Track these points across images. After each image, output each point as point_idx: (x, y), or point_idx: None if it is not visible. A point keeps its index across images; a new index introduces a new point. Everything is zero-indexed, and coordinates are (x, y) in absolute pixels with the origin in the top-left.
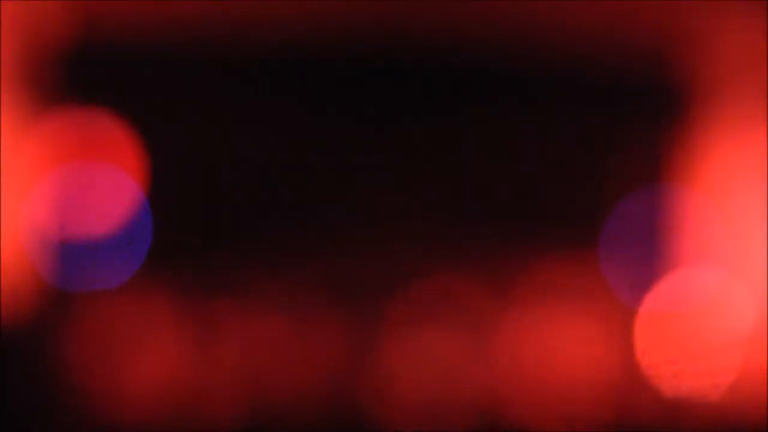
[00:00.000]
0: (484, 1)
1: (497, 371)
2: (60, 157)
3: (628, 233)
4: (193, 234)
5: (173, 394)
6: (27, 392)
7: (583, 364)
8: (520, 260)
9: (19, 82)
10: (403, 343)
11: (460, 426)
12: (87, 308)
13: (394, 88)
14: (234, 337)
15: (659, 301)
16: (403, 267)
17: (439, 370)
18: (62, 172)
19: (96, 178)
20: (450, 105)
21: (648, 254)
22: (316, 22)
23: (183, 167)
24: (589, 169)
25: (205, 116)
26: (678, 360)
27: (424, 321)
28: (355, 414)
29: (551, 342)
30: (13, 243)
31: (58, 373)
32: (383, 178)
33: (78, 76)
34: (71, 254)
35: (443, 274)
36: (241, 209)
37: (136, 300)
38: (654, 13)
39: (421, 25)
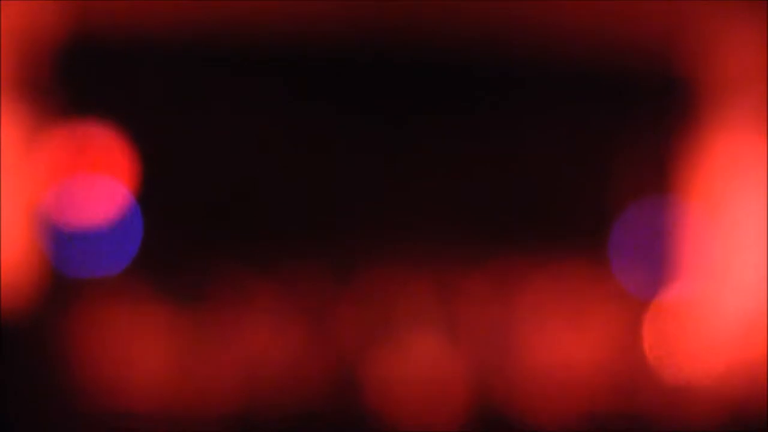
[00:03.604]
0: (490, 2)
1: (499, 370)
2: (59, 155)
3: (632, 234)
4: (192, 232)
5: (172, 388)
6: (28, 379)
7: (588, 362)
8: (523, 260)
9: (17, 82)
10: (404, 342)
11: (463, 423)
12: (87, 300)
13: (397, 88)
14: (233, 335)
15: (663, 300)
16: (404, 266)
17: (440, 369)
18: (60, 170)
19: (92, 176)
20: (454, 107)
21: (652, 255)
22: (316, 21)
23: (183, 166)
24: (593, 171)
25: (203, 116)
26: (680, 357)
27: (426, 320)
28: (354, 413)
29: (555, 341)
30: (14, 236)
31: (58, 362)
32: (384, 178)
33: (75, 76)
34: (69, 244)
35: (446, 273)
36: (242, 207)
37: (135, 298)
38: (656, 16)
39: (426, 26)
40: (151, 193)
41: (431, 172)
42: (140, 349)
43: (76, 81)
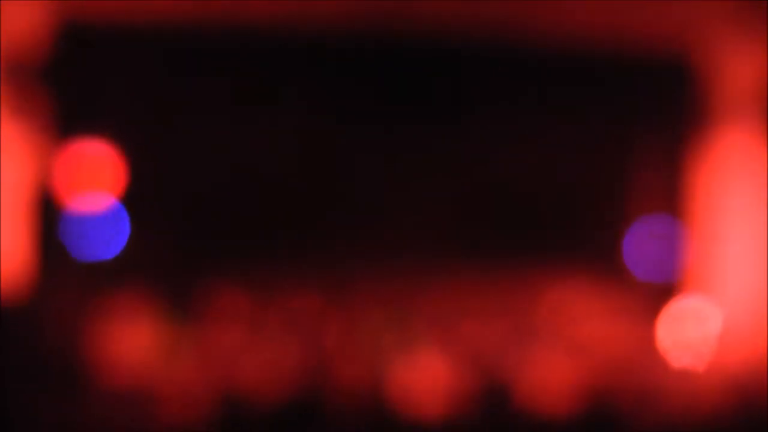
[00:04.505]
0: (500, 1)
1: (503, 375)
2: (54, 151)
3: (637, 234)
4: (185, 238)
5: (165, 393)
6: (23, 371)
7: (593, 366)
8: (524, 261)
9: (14, 81)
10: (406, 350)
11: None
12: (86, 300)
13: (404, 86)
14: (227, 343)
15: (666, 302)
16: (409, 266)
17: (442, 374)
18: (56, 166)
19: (86, 171)
20: (458, 107)
21: (657, 256)
22: (316, 20)
23: (181, 166)
24: (598, 177)
25: (199, 116)
26: (688, 357)
27: (427, 326)
28: (352, 424)
29: (559, 346)
30: (12, 230)
31: (52, 358)
32: (383, 188)
33: (70, 75)
34: (65, 231)
35: (449, 278)
36: (242, 207)
37: (132, 306)
38: (658, 24)
39: (434, 21)
40: (143, 200)
41: (432, 179)
42: (136, 357)
43: (72, 79)
